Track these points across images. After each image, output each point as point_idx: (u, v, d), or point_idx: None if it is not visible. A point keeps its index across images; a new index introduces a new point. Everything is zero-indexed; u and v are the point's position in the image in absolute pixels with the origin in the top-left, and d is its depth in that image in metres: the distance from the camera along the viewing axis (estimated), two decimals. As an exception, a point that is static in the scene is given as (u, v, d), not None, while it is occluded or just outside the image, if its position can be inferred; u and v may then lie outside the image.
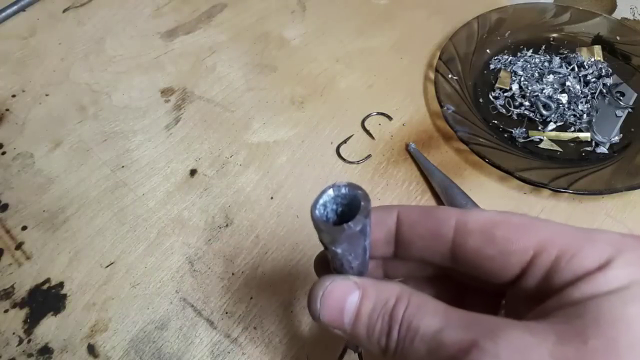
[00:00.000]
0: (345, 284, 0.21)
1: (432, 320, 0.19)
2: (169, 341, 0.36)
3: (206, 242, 0.41)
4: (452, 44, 0.51)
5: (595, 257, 0.18)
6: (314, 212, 0.19)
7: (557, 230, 0.19)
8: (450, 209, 0.21)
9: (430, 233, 0.21)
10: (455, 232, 0.21)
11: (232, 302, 0.38)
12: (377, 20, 0.59)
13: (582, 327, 0.16)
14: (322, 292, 0.21)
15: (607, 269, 0.17)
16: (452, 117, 0.45)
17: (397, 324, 0.19)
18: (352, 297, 0.21)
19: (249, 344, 0.36)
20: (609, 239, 0.18)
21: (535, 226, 0.20)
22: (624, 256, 0.18)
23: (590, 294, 0.17)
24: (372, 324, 0.20)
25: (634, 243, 0.18)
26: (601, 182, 0.41)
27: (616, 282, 0.17)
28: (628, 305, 0.16)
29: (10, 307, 0.38)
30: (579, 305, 0.17)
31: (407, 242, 0.22)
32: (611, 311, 0.16)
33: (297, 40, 0.57)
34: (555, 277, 0.18)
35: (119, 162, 0.47)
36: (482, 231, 0.20)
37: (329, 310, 0.21)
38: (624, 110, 0.48)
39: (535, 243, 0.19)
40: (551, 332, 0.17)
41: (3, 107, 0.52)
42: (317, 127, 0.49)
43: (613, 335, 0.16)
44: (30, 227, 0.43)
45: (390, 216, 0.22)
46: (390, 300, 0.20)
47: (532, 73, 0.50)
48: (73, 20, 0.61)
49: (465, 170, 0.45)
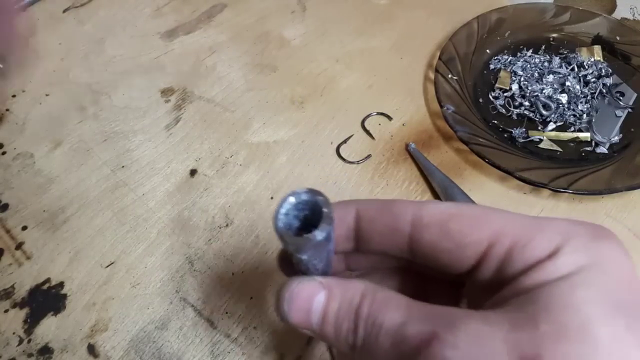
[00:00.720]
0: (311, 285, 0.22)
1: (395, 314, 0.19)
2: (169, 341, 0.36)
3: (206, 242, 0.41)
4: (452, 44, 0.51)
5: (545, 246, 0.19)
6: (277, 223, 0.19)
7: (510, 221, 0.20)
8: (407, 203, 0.22)
9: (388, 228, 0.22)
10: (412, 226, 0.21)
11: (232, 302, 0.38)
12: (377, 20, 0.59)
13: (534, 313, 0.17)
14: (289, 294, 0.22)
15: (556, 257, 0.18)
16: (452, 117, 0.45)
17: (363, 321, 0.20)
18: (318, 297, 0.21)
19: (249, 344, 0.36)
20: (558, 227, 0.19)
21: (489, 217, 0.20)
22: (572, 243, 0.18)
23: (541, 281, 0.18)
24: (339, 322, 0.21)
25: (581, 230, 0.19)
26: (601, 182, 0.41)
27: (565, 269, 0.18)
28: (576, 290, 0.17)
29: (10, 307, 0.38)
30: (531, 293, 0.18)
31: (367, 237, 0.23)
32: (561, 296, 0.17)
33: (297, 40, 0.57)
34: (509, 266, 0.19)
35: (119, 162, 0.47)
36: (437, 225, 0.21)
37: (296, 312, 0.21)
38: (624, 110, 0.48)
39: (489, 234, 0.20)
40: (505, 320, 0.17)
41: (3, 107, 0.52)
42: (317, 127, 0.49)
43: (563, 320, 0.17)
44: (30, 227, 0.43)
45: (349, 212, 0.23)
46: (355, 298, 0.21)
47: (532, 73, 0.50)
48: (73, 20, 0.61)
49: (465, 170, 0.45)
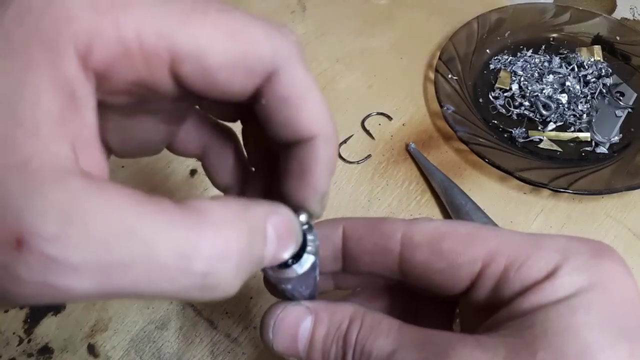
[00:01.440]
0: (297, 310, 0.21)
1: (385, 342, 0.18)
2: (169, 341, 0.36)
3: (206, 242, 0.41)
4: (452, 44, 0.51)
5: (542, 266, 0.18)
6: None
7: (505, 239, 0.19)
8: (396, 221, 0.21)
9: (377, 248, 0.21)
10: (402, 246, 0.20)
11: (232, 302, 0.38)
12: (377, 20, 0.59)
13: (531, 339, 0.16)
14: (274, 320, 0.21)
15: (554, 278, 0.17)
16: (452, 117, 0.45)
17: (351, 349, 0.19)
18: (304, 323, 0.20)
19: (249, 344, 0.36)
20: (557, 245, 0.18)
21: (483, 236, 0.19)
22: (570, 262, 0.18)
23: (538, 304, 0.17)
24: (326, 349, 0.20)
25: (580, 247, 0.18)
26: (601, 182, 0.41)
27: (563, 291, 0.17)
28: (575, 313, 0.16)
29: (10, 307, 0.38)
30: (528, 316, 0.17)
31: (355, 257, 0.22)
32: (559, 321, 0.16)
33: (297, 40, 0.57)
34: (505, 287, 0.18)
35: (119, 162, 0.47)
36: (428, 244, 0.20)
37: (282, 339, 0.20)
38: (624, 110, 0.48)
39: (484, 254, 0.19)
40: (501, 347, 0.17)
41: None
42: (317, 127, 0.49)
43: (561, 346, 0.16)
44: (30, 227, 0.43)
45: (336, 232, 0.22)
46: (344, 322, 0.20)
47: (532, 73, 0.50)
48: (73, 20, 0.61)
49: (465, 170, 0.45)
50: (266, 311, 0.21)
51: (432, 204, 0.43)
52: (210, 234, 0.14)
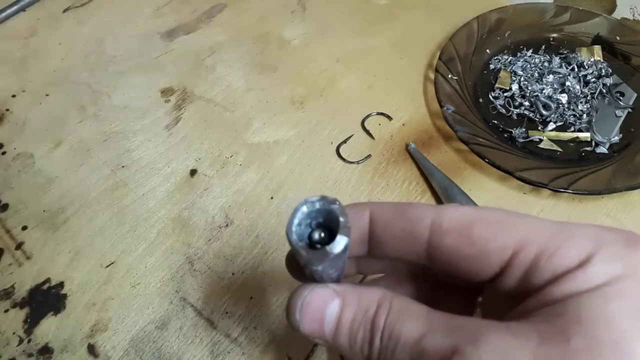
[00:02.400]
0: (324, 293, 0.20)
1: (414, 326, 0.18)
2: (169, 341, 0.36)
3: (206, 242, 0.41)
4: (452, 44, 0.51)
5: (574, 254, 0.18)
6: (291, 236, 0.18)
7: (536, 227, 0.19)
8: (424, 207, 0.21)
9: (405, 233, 0.21)
10: (431, 231, 0.20)
11: (232, 302, 0.38)
12: (377, 20, 0.59)
13: (564, 326, 0.16)
14: (301, 302, 0.20)
15: (587, 266, 0.17)
16: (452, 117, 0.45)
17: (379, 332, 0.19)
18: (332, 306, 0.20)
19: (249, 344, 0.36)
20: (589, 234, 0.18)
21: (514, 223, 0.19)
22: (603, 251, 0.17)
23: (570, 292, 0.17)
24: (353, 333, 0.20)
25: (613, 236, 0.18)
26: (601, 182, 0.41)
27: (596, 279, 0.17)
28: (609, 302, 0.16)
29: (10, 307, 0.38)
30: (560, 304, 0.17)
31: (381, 242, 0.22)
32: (592, 309, 0.16)
33: (297, 40, 0.57)
34: (536, 275, 0.18)
35: (119, 162, 0.47)
36: (458, 230, 0.20)
37: (309, 321, 0.20)
38: (624, 110, 0.48)
39: (514, 241, 0.19)
40: (533, 333, 0.16)
41: (3, 107, 0.52)
42: (317, 127, 0.49)
43: (595, 334, 0.16)
44: (30, 227, 0.43)
45: (363, 216, 0.22)
46: (372, 307, 0.20)
47: (532, 73, 0.50)
48: (73, 20, 0.61)
49: (465, 170, 0.45)
50: (293, 292, 0.21)
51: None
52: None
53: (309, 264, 0.19)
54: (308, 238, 0.19)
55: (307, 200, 0.19)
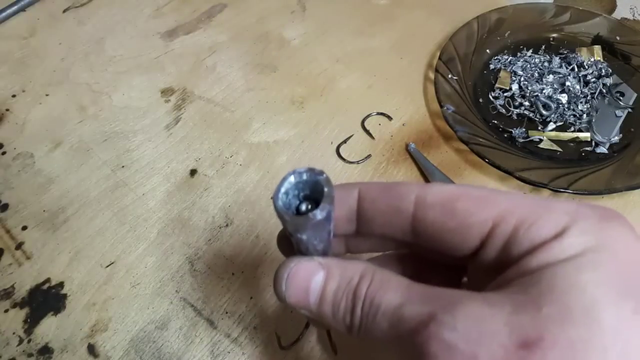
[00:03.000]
0: (309, 265, 0.21)
1: (394, 295, 0.19)
2: (169, 341, 0.36)
3: (206, 242, 0.41)
4: (452, 44, 0.51)
5: (551, 226, 0.18)
6: (277, 202, 0.19)
7: (516, 201, 0.20)
8: (410, 184, 0.22)
9: (391, 208, 0.22)
10: (416, 206, 0.21)
11: (232, 302, 0.38)
12: (377, 20, 0.59)
13: (537, 295, 0.17)
14: (287, 273, 0.21)
15: (562, 237, 0.18)
16: (452, 117, 0.45)
17: (360, 301, 0.20)
18: (317, 277, 0.21)
19: (249, 344, 0.36)
20: (566, 208, 0.19)
21: (495, 198, 0.20)
22: (579, 224, 0.18)
23: (546, 262, 0.17)
24: (336, 302, 0.21)
25: (589, 211, 0.19)
26: (601, 182, 0.41)
27: (571, 250, 0.17)
28: (582, 271, 0.17)
29: (10, 307, 0.38)
30: (536, 274, 0.17)
31: (369, 218, 0.22)
32: (565, 278, 0.17)
33: (297, 40, 0.57)
34: (514, 247, 0.19)
35: (119, 162, 0.47)
36: (442, 204, 0.20)
37: (294, 291, 0.21)
38: (624, 110, 0.48)
39: (495, 214, 0.19)
40: (507, 302, 0.17)
41: (3, 107, 0.52)
42: (317, 127, 0.49)
43: (567, 302, 0.16)
44: (30, 227, 0.43)
45: (352, 194, 0.23)
46: (354, 278, 0.20)
47: (532, 73, 0.50)
48: (73, 20, 0.61)
49: (465, 170, 0.45)
50: (280, 265, 0.22)
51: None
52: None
53: (294, 231, 0.20)
54: (296, 209, 0.20)
55: (295, 171, 0.20)
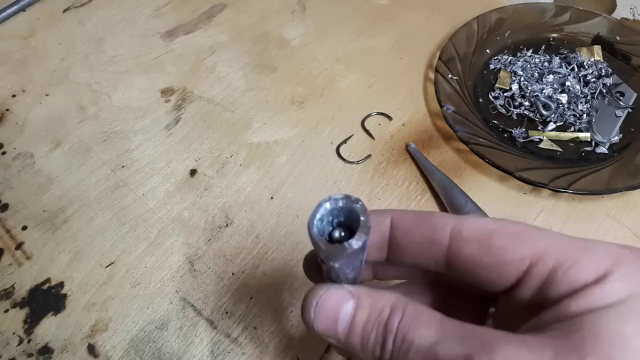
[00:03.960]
0: (339, 293, 0.21)
1: (428, 332, 0.18)
2: (169, 341, 0.36)
3: (206, 242, 0.41)
4: (452, 44, 0.51)
5: (592, 269, 0.18)
6: (312, 229, 0.19)
7: (555, 240, 0.19)
8: (445, 215, 0.21)
9: (425, 239, 0.21)
10: (451, 239, 0.20)
11: (232, 302, 0.38)
12: (377, 20, 0.59)
13: (580, 342, 0.16)
14: (316, 301, 0.21)
15: (604, 282, 0.17)
16: (452, 117, 0.45)
17: (392, 335, 0.19)
18: (346, 306, 0.20)
19: (249, 344, 0.36)
20: (607, 251, 0.18)
21: (533, 235, 0.19)
22: (621, 269, 0.17)
23: (587, 307, 0.17)
24: (366, 334, 0.20)
25: (631, 255, 0.18)
26: (601, 182, 0.41)
27: (614, 296, 0.17)
28: (626, 321, 0.16)
29: (10, 307, 0.38)
30: (576, 320, 0.17)
31: (401, 247, 0.22)
32: (609, 327, 0.16)
33: (297, 40, 0.57)
34: (552, 288, 0.18)
35: (119, 162, 0.47)
36: (478, 239, 0.20)
37: (323, 320, 0.21)
38: (624, 110, 0.48)
39: (532, 253, 0.19)
40: (548, 347, 0.16)
41: (3, 107, 0.52)
42: (317, 127, 0.49)
43: (610, 353, 0.16)
44: (30, 227, 0.43)
45: (384, 221, 0.22)
46: (385, 310, 0.20)
47: (532, 73, 0.50)
48: (73, 20, 0.61)
49: (465, 170, 0.45)
50: (309, 291, 0.21)
51: (432, 204, 0.43)
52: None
53: (327, 259, 0.19)
54: (329, 236, 0.20)
55: (330, 197, 0.19)
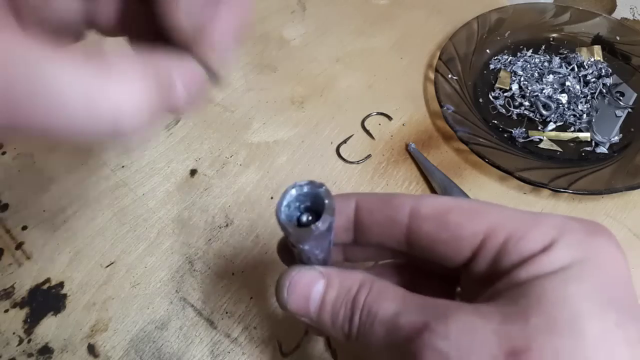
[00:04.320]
0: (310, 274, 0.22)
1: (391, 305, 0.20)
2: (169, 341, 0.36)
3: (206, 242, 0.41)
4: (452, 44, 0.51)
5: (540, 240, 0.19)
6: (280, 215, 0.20)
7: (507, 215, 0.20)
8: (405, 196, 0.22)
9: (387, 220, 0.22)
10: (410, 218, 0.22)
11: (232, 302, 0.38)
12: (377, 20, 0.59)
13: (526, 306, 0.17)
14: (289, 282, 0.22)
15: (550, 251, 0.18)
16: (452, 117, 0.45)
17: (359, 310, 0.21)
18: (317, 286, 0.22)
19: (249, 344, 0.36)
20: (554, 222, 0.19)
21: (486, 211, 0.21)
22: (566, 238, 0.19)
23: (534, 274, 0.18)
24: (335, 311, 0.21)
25: (576, 225, 0.19)
26: (601, 182, 0.41)
27: (558, 263, 0.18)
28: (568, 284, 0.17)
29: (10, 307, 0.38)
30: (524, 286, 0.18)
31: (366, 228, 0.23)
32: (553, 290, 0.17)
33: (297, 40, 0.57)
34: (504, 259, 0.19)
35: (119, 162, 0.47)
36: (435, 217, 0.21)
37: (295, 299, 0.22)
38: (624, 110, 0.48)
39: (485, 227, 0.20)
40: (497, 313, 0.18)
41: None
42: (317, 127, 0.49)
43: (553, 314, 0.17)
44: (30, 227, 0.43)
45: (349, 204, 0.23)
46: (353, 287, 0.21)
47: (532, 73, 0.50)
48: (73, 20, 0.61)
49: (465, 170, 0.45)
50: (282, 273, 0.23)
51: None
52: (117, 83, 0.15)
53: (296, 242, 0.20)
54: (297, 220, 0.21)
55: (296, 184, 0.20)
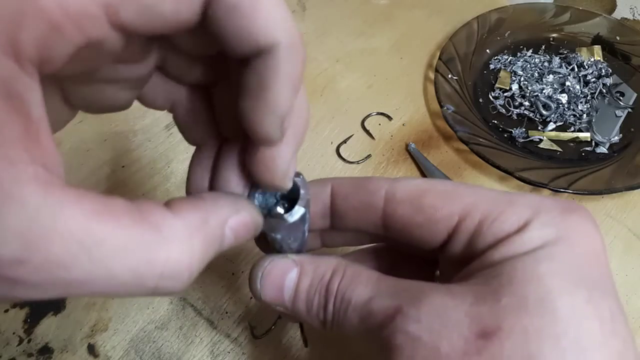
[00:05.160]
0: (283, 263, 0.22)
1: (364, 290, 0.20)
2: (169, 341, 0.36)
3: (206, 242, 0.41)
4: (452, 44, 0.51)
5: (514, 220, 0.19)
6: (252, 202, 0.20)
7: (481, 196, 0.20)
8: (380, 179, 0.22)
9: (362, 204, 0.22)
10: (385, 202, 0.21)
11: (232, 302, 0.38)
12: (377, 20, 0.59)
13: (497, 286, 0.17)
14: (262, 272, 0.22)
15: (524, 231, 0.18)
16: (452, 117, 0.45)
17: (332, 297, 0.20)
18: (290, 274, 0.21)
19: (249, 344, 0.36)
20: (529, 202, 0.19)
21: (461, 192, 0.20)
22: (540, 218, 0.19)
23: (507, 255, 0.18)
24: (310, 298, 0.21)
25: (550, 205, 0.19)
26: (601, 182, 0.41)
27: (532, 243, 0.18)
28: (539, 263, 0.17)
29: (10, 307, 0.38)
30: (497, 266, 0.18)
31: (342, 213, 0.23)
32: (524, 270, 0.17)
33: (297, 40, 0.57)
34: (479, 240, 0.19)
35: (119, 162, 0.47)
36: (410, 200, 0.21)
37: (269, 289, 0.22)
38: (624, 110, 0.48)
39: (460, 209, 0.20)
40: (469, 293, 0.18)
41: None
42: (317, 127, 0.49)
43: (524, 293, 0.17)
44: (30, 227, 0.43)
45: (325, 190, 0.23)
46: (327, 274, 0.21)
47: (532, 73, 0.50)
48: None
49: (465, 170, 0.45)
50: (254, 263, 0.22)
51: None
52: (165, 254, 0.15)
53: (268, 231, 0.20)
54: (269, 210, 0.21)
55: None
